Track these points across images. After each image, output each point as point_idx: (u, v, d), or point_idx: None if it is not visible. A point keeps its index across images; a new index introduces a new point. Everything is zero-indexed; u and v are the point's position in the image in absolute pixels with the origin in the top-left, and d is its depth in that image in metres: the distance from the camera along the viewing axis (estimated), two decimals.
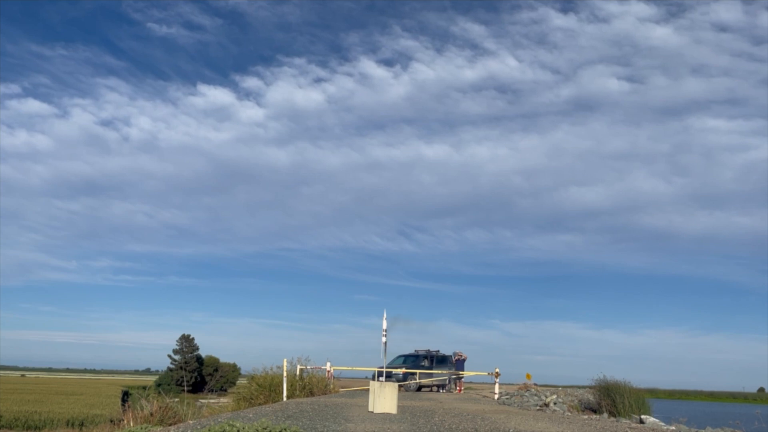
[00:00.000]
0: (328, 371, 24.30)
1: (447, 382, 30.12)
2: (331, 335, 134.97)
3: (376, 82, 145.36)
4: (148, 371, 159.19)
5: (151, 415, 14.18)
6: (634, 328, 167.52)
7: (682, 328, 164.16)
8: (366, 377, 31.49)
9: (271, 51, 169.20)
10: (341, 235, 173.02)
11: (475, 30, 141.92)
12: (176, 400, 18.07)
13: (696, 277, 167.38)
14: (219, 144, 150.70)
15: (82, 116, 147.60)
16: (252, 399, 20.41)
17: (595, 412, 19.22)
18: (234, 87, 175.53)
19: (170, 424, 13.30)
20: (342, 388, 25.48)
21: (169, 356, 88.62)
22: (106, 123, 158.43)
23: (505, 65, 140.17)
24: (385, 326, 17.42)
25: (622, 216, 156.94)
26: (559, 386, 32.62)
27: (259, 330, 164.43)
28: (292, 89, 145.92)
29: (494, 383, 25.70)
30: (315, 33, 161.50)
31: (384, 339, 17.65)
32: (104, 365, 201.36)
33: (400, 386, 18.77)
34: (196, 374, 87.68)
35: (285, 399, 19.52)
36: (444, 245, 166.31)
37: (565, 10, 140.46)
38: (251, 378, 22.12)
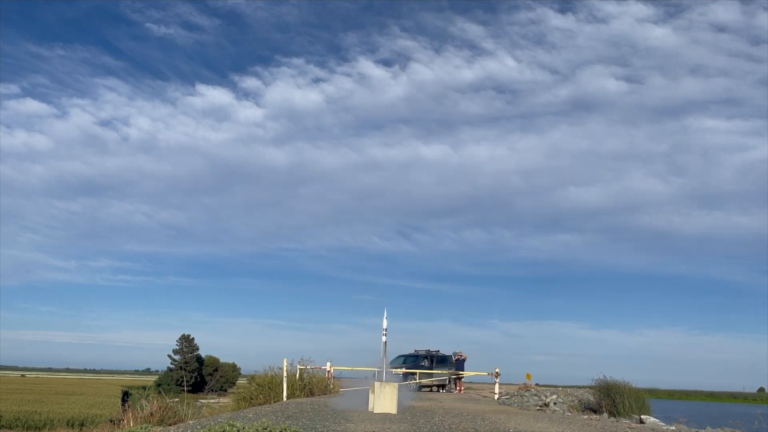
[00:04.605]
0: (328, 371, 24.30)
1: (447, 382, 30.12)
2: (331, 335, 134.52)
3: (374, 82, 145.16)
4: (148, 371, 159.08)
5: (151, 415, 14.19)
6: (634, 327, 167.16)
7: (681, 327, 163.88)
8: (365, 377, 31.44)
9: (269, 51, 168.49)
10: (340, 235, 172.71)
11: (473, 30, 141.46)
12: (176, 400, 18.09)
13: (695, 277, 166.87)
14: (217, 144, 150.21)
15: (80, 116, 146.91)
16: (252, 399, 20.41)
17: (595, 412, 19.21)
18: (232, 87, 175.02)
19: (170, 424, 13.31)
20: (342, 388, 25.46)
21: (169, 356, 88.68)
22: (105, 123, 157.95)
23: (504, 65, 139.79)
24: (385, 325, 17.44)
25: (620, 216, 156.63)
26: (559, 386, 32.62)
27: (259, 330, 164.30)
28: (291, 89, 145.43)
29: (494, 383, 25.71)
30: (313, 33, 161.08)
31: (384, 339, 17.65)
32: (104, 365, 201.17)
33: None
34: (196, 374, 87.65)
35: (285, 399, 19.50)
36: (443, 245, 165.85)
37: (563, 11, 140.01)
38: (251, 378, 22.13)
